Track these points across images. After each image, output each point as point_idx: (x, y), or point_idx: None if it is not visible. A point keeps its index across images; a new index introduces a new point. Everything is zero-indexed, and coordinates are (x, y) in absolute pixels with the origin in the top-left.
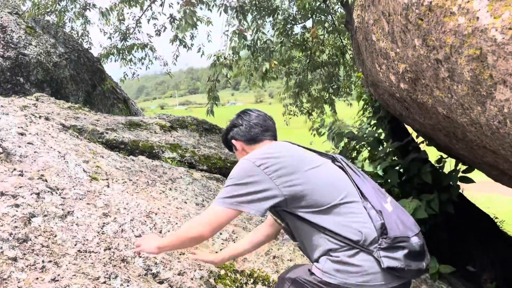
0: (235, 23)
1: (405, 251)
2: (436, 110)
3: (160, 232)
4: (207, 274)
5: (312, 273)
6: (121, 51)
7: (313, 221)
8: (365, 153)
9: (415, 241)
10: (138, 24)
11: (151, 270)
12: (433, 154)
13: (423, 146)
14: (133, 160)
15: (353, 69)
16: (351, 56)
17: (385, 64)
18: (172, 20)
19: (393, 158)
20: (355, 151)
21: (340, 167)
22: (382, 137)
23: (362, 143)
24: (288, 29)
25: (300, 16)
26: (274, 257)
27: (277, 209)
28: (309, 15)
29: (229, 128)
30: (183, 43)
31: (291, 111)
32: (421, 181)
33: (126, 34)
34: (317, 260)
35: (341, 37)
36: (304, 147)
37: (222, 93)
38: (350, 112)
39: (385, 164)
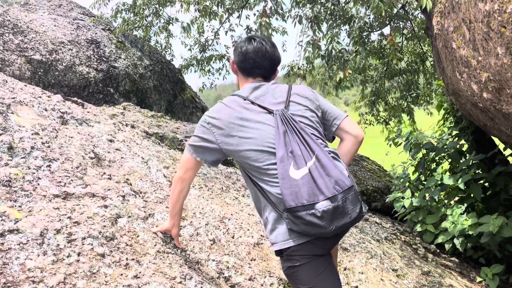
0: (309, 33)
1: (304, 219)
2: None
3: (233, 237)
4: (277, 281)
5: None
6: (200, 62)
7: (250, 176)
8: (445, 165)
9: (322, 206)
10: (216, 36)
11: (223, 273)
12: None
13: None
14: (209, 166)
15: (434, 77)
16: (431, 63)
17: (466, 73)
18: (248, 31)
19: (476, 171)
20: (434, 163)
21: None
22: (464, 148)
23: (442, 154)
24: (364, 37)
25: (377, 23)
26: (345, 268)
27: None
28: (387, 22)
29: (235, 47)
30: None
31: (366, 120)
32: (509, 196)
33: (205, 46)
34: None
35: (421, 44)
36: (254, 103)
37: None
38: (430, 122)
39: (467, 177)
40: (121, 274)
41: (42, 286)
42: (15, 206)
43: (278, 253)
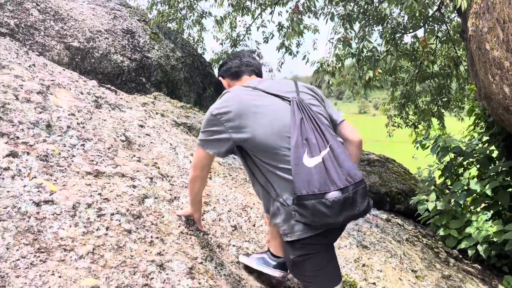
0: (340, 31)
1: (313, 208)
2: None
3: (254, 225)
4: None
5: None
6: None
7: (260, 165)
8: (473, 171)
9: (333, 196)
10: (248, 32)
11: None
12: None
13: None
14: (234, 158)
15: (467, 82)
16: (465, 67)
17: (498, 75)
18: (280, 28)
19: (506, 178)
20: (462, 168)
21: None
22: (494, 154)
23: (470, 159)
24: (397, 38)
25: (411, 25)
26: (363, 265)
27: (238, 149)
28: (421, 24)
29: (218, 68)
30: (289, 51)
31: (395, 122)
32: None
33: (236, 40)
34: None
35: (456, 47)
36: (263, 90)
37: None
38: (460, 128)
39: (495, 183)
40: (146, 250)
41: (73, 255)
42: (51, 179)
43: (291, 242)
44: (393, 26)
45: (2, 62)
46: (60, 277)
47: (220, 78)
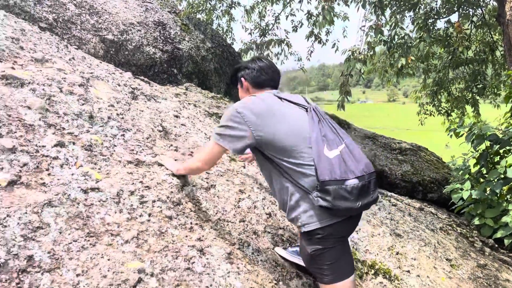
0: (372, 18)
1: (335, 193)
2: None
3: None
4: None
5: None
6: (259, 46)
7: (278, 164)
8: (510, 159)
9: (352, 183)
10: (277, 21)
11: (278, 245)
12: None
13: None
14: (234, 154)
15: (503, 67)
16: (501, 53)
17: None
18: (309, 16)
19: None
20: (498, 156)
21: (312, 116)
22: None
23: (507, 147)
24: (429, 24)
25: (444, 10)
26: (397, 253)
27: (256, 151)
28: (455, 9)
29: (242, 67)
30: (318, 39)
31: (427, 110)
32: None
33: (265, 30)
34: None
35: (491, 32)
36: (282, 98)
37: (353, 90)
38: (496, 115)
39: None
40: (186, 236)
41: (119, 239)
42: (96, 168)
43: (308, 234)
44: (425, 11)
45: (45, 56)
46: (109, 259)
47: (242, 79)
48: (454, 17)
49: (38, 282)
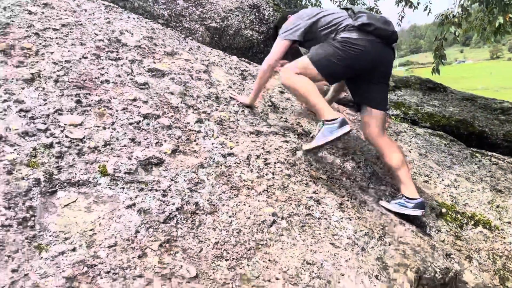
0: None
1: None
2: None
3: (389, 171)
4: (429, 209)
5: None
6: None
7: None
8: None
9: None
10: None
11: (381, 199)
12: None
13: None
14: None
15: None
16: None
17: None
18: None
19: None
20: None
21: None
22: None
23: None
24: None
25: None
26: (497, 206)
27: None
28: None
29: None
30: (409, 4)
31: None
32: None
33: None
34: None
35: None
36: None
37: (449, 51)
38: None
39: None
40: (303, 190)
41: (254, 192)
42: (227, 138)
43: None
44: None
45: (174, 49)
46: (249, 206)
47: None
48: None
49: (204, 220)
